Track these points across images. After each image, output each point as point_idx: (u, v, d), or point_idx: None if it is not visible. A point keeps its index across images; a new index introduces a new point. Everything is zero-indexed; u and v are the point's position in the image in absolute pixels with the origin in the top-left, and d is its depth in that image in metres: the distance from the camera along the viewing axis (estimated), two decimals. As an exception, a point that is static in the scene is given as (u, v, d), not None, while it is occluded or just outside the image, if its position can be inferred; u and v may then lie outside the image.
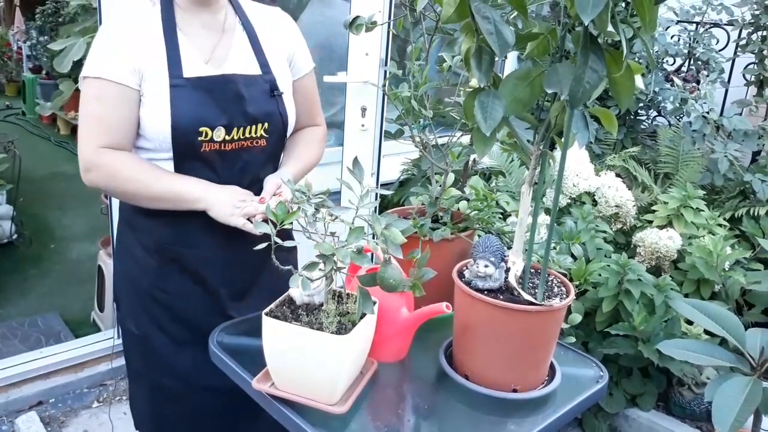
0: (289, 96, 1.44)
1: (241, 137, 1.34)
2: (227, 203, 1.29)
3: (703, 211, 2.54)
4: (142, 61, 1.28)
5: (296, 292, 1.04)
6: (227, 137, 1.32)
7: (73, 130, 6.04)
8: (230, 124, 1.32)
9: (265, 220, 0.98)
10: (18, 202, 3.85)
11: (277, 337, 0.97)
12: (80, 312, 3.09)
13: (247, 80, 1.35)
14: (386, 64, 2.57)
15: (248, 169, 1.37)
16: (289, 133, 1.46)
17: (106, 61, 1.27)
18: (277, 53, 1.43)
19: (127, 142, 1.31)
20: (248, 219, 1.29)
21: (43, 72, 6.63)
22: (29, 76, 6.74)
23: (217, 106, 1.30)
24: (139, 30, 1.30)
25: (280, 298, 1.04)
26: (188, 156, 1.31)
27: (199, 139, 1.29)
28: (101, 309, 2.87)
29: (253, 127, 1.35)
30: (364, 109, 2.61)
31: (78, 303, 3.18)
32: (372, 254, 1.11)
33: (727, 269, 2.33)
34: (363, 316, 0.99)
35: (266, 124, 1.37)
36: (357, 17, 1.43)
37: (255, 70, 1.38)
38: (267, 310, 1.00)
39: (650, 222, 2.58)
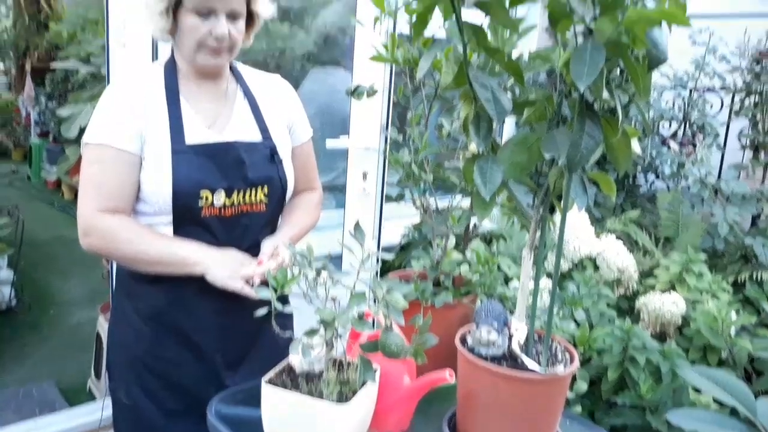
0: (288, 162, 1.46)
1: (242, 201, 1.35)
2: (224, 266, 1.29)
3: (705, 275, 2.52)
4: (144, 126, 1.29)
5: (296, 359, 1.02)
6: (227, 201, 1.33)
7: (77, 194, 6.08)
8: (230, 188, 1.33)
9: (265, 284, 0.98)
10: (19, 267, 3.84)
11: (277, 405, 0.95)
12: (77, 380, 3.03)
13: (248, 146, 1.37)
14: (387, 130, 2.61)
15: (247, 233, 1.38)
16: (288, 198, 1.47)
17: (108, 127, 1.29)
18: (278, 120, 1.46)
19: (126, 206, 1.31)
20: (246, 281, 1.29)
21: (50, 137, 6.74)
22: (36, 141, 6.85)
23: (218, 171, 1.32)
24: (141, 96, 1.32)
25: (280, 366, 1.02)
26: (188, 220, 1.31)
27: (200, 203, 1.30)
28: (98, 376, 2.82)
29: (253, 191, 1.36)
30: (365, 174, 2.64)
31: (75, 370, 3.12)
32: (373, 320, 1.10)
33: (733, 335, 2.30)
34: (364, 384, 0.96)
35: (266, 189, 1.38)
36: (359, 85, 1.46)
37: (256, 136, 1.40)
38: (266, 377, 0.98)
39: (653, 286, 2.56)
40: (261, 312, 0.98)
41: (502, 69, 0.97)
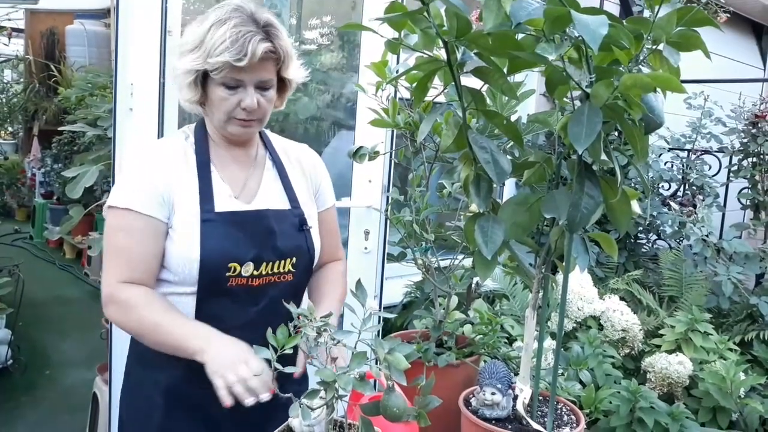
0: (316, 230, 1.43)
1: (269, 272, 1.31)
2: (225, 370, 1.16)
3: (711, 335, 2.50)
4: (172, 193, 1.27)
5: (296, 421, 1.00)
6: (255, 272, 1.29)
7: (78, 254, 6.10)
8: (259, 259, 1.29)
9: (267, 346, 0.97)
10: (17, 326, 3.81)
11: (275, 470, 0.92)
12: (71, 443, 2.96)
13: (277, 215, 1.34)
14: (388, 190, 2.64)
15: (273, 303, 1.32)
16: (314, 267, 1.43)
17: (135, 192, 1.25)
18: (305, 188, 1.44)
19: (149, 276, 1.27)
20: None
21: (54, 198, 6.81)
22: (40, 202, 6.92)
23: (247, 241, 1.28)
24: (171, 163, 1.30)
25: (279, 429, 1.00)
26: (213, 291, 1.27)
27: (227, 274, 1.26)
28: (92, 440, 2.75)
29: (282, 262, 1.33)
30: (367, 233, 2.65)
31: (69, 433, 3.05)
32: (375, 381, 1.08)
33: (742, 396, 2.25)
34: (365, 447, 0.94)
35: (294, 259, 1.34)
36: (361, 147, 1.49)
37: (284, 204, 1.38)
38: (265, 441, 0.96)
39: (658, 346, 2.53)
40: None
41: (502, 132, 0.99)
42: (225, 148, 1.36)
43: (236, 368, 1.14)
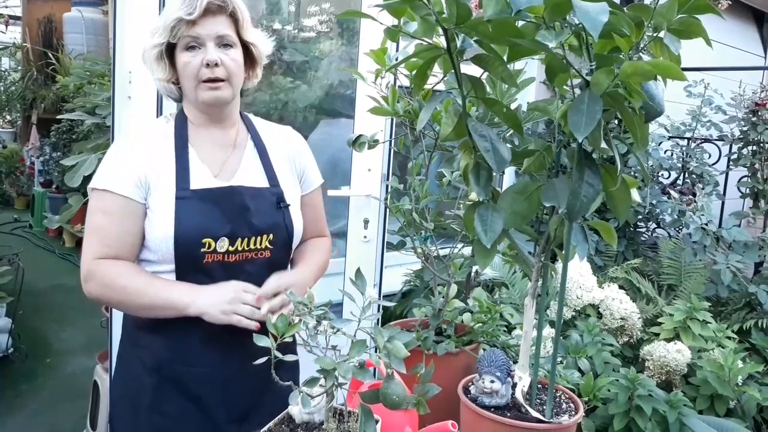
0: (296, 208, 1.46)
1: (245, 248, 1.34)
2: (217, 306, 1.27)
3: (710, 323, 2.51)
4: (150, 174, 1.31)
5: (296, 409, 1.00)
6: (231, 248, 1.32)
7: (78, 242, 6.10)
8: (234, 235, 1.32)
9: (265, 333, 0.97)
10: (18, 315, 3.82)
11: (275, 458, 0.93)
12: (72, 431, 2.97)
13: (253, 192, 1.37)
14: (388, 179, 2.63)
15: (251, 280, 1.35)
16: (294, 245, 1.46)
17: (114, 174, 1.30)
18: (287, 168, 1.47)
19: (127, 253, 1.32)
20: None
21: (53, 186, 6.80)
22: (39, 190, 6.91)
23: (221, 217, 1.32)
24: (150, 145, 1.34)
25: (279, 416, 1.01)
26: (190, 268, 1.30)
27: (202, 250, 1.29)
28: (93, 427, 2.76)
29: (258, 238, 1.35)
30: (366, 221, 2.65)
31: (69, 421, 3.06)
32: (374, 369, 1.09)
33: (740, 384, 2.27)
34: (365, 435, 0.95)
35: (271, 236, 1.37)
36: (360, 136, 1.48)
37: (263, 182, 1.40)
38: (265, 429, 0.96)
39: (657, 335, 2.54)
40: (260, 361, 0.97)
41: (501, 120, 0.99)
42: (205, 129, 1.39)
43: (235, 307, 1.26)
